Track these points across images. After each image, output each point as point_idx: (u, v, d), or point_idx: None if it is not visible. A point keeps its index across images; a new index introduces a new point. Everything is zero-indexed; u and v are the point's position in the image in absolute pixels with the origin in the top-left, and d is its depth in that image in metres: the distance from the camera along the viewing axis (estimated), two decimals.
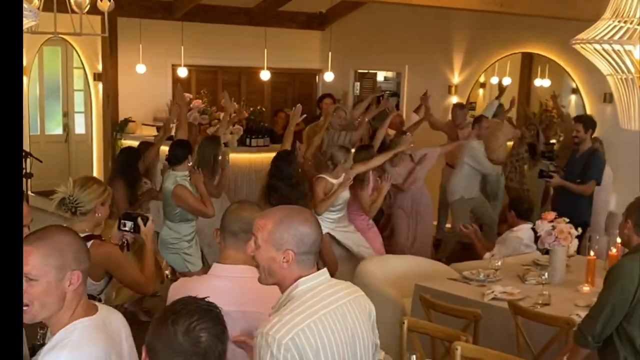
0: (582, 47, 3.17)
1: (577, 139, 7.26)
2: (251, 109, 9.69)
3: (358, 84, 12.10)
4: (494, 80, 12.18)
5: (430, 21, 9.82)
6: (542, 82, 11.92)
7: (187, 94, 9.51)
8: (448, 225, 9.24)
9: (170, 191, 6.10)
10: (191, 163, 6.24)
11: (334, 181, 6.65)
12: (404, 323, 4.19)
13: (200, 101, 9.31)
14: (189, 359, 2.04)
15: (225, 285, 2.87)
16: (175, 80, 9.88)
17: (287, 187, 6.20)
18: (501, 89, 9.97)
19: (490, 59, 10.00)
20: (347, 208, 6.87)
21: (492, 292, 4.99)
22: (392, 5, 8.72)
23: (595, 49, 3.05)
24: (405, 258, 6.62)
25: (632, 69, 3.00)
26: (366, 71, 12.62)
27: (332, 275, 2.67)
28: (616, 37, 2.97)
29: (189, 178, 6.16)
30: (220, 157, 6.88)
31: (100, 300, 3.60)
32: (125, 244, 4.14)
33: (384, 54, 10.88)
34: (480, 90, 12.54)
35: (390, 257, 6.60)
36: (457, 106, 9.23)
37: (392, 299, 5.57)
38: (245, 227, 2.88)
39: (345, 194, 6.71)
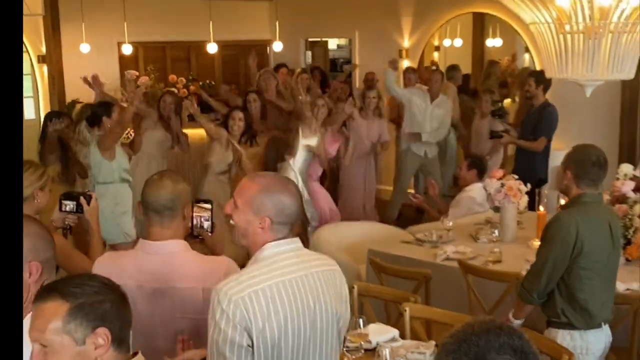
0: None
1: (528, 94, 7.25)
2: (200, 83, 9.54)
3: (310, 52, 12.00)
4: (447, 42, 12.19)
5: None
6: (494, 42, 11.94)
7: (133, 72, 9.35)
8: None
9: (95, 151, 6.10)
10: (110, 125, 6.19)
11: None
12: (353, 288, 4.16)
13: (147, 78, 9.13)
14: None
15: (154, 262, 2.79)
16: (122, 57, 9.69)
17: None
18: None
19: (439, 20, 9.95)
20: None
21: (445, 252, 5.00)
22: None
23: None
24: (361, 224, 6.61)
25: (550, 17, 2.96)
26: (318, 39, 12.51)
27: None
28: None
29: None
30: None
31: None
32: (68, 228, 3.84)
33: (334, 21, 10.78)
34: (435, 54, 12.54)
35: (345, 224, 6.58)
36: (410, 70, 9.18)
37: (347, 266, 5.52)
38: (169, 204, 2.81)
39: (308, 155, 6.77)
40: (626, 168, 5.05)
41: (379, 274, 4.71)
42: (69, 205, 3.68)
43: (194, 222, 3.08)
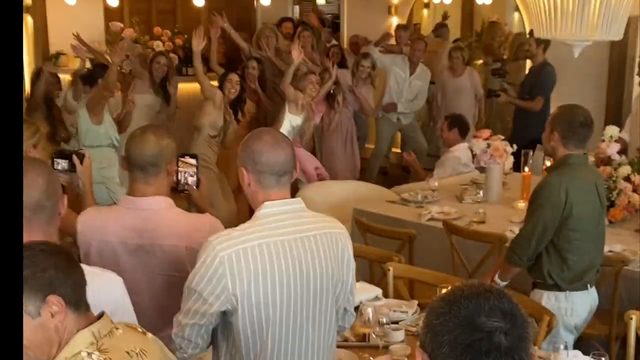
0: None
1: (528, 53, 7.20)
2: (185, 36, 9.41)
3: (297, 7, 11.84)
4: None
5: None
6: (483, 0, 11.83)
7: (117, 23, 9.21)
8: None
9: (85, 113, 5.92)
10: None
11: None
12: None
13: (132, 30, 9.01)
14: None
15: (137, 218, 2.76)
16: (107, 9, 9.52)
17: None
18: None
19: None
20: None
21: (429, 212, 5.02)
22: None
23: None
24: (346, 183, 6.60)
25: None
26: None
27: None
28: None
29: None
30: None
31: None
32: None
33: None
34: (425, 11, 12.42)
35: (331, 183, 6.57)
36: (401, 28, 9.06)
37: None
38: (152, 161, 2.76)
39: (293, 130, 6.67)
40: (612, 130, 5.06)
41: (364, 233, 4.72)
42: (61, 163, 3.49)
43: (179, 177, 3.04)
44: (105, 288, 2.28)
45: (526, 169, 5.29)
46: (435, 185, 5.47)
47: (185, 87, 8.61)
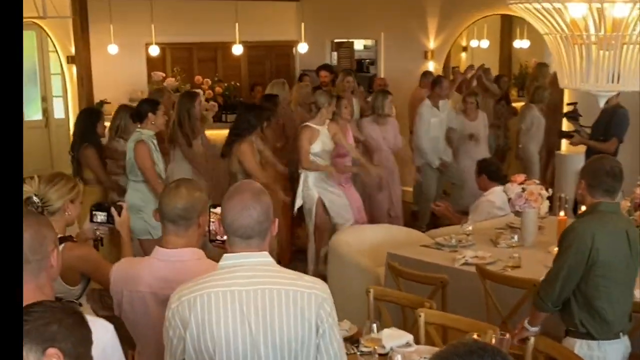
0: (518, 7, 3.13)
1: None
2: (225, 84, 9.62)
3: (335, 54, 12.02)
4: (474, 43, 12.14)
5: None
6: (521, 44, 11.87)
7: (160, 73, 9.46)
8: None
9: (132, 148, 5.97)
10: (154, 122, 6.02)
11: (319, 127, 6.64)
12: (369, 292, 4.18)
13: (173, 79, 9.24)
14: None
15: (167, 269, 2.84)
16: (149, 59, 9.80)
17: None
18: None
19: (465, 22, 9.92)
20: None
21: (464, 257, 5.00)
22: None
23: (529, 8, 3.01)
24: (381, 227, 6.61)
25: (566, 28, 2.96)
26: (344, 40, 12.53)
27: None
28: None
29: (155, 139, 6.05)
30: (195, 112, 6.81)
31: (80, 305, 3.40)
32: (99, 240, 3.78)
33: (359, 22, 10.79)
34: (463, 54, 12.50)
35: (366, 227, 6.58)
36: (428, 74, 9.19)
37: (366, 269, 5.58)
38: (184, 214, 2.86)
39: (329, 145, 6.68)
40: None
41: (396, 278, 4.73)
42: (100, 216, 3.62)
43: (212, 227, 3.10)
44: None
45: (561, 212, 5.26)
46: (470, 230, 5.46)
47: (225, 134, 8.77)
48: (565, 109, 7.74)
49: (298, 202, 6.83)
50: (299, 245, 7.63)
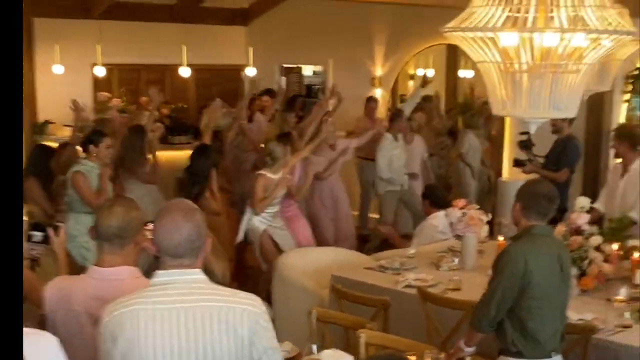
0: (453, 35, 3.24)
1: (554, 128, 7.32)
2: (172, 106, 9.61)
3: (284, 78, 12.11)
4: (420, 72, 12.37)
5: (351, 14, 9.89)
6: (465, 73, 12.13)
7: (105, 93, 9.41)
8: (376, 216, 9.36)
9: (69, 178, 5.97)
10: (91, 154, 6.05)
11: (275, 177, 6.66)
12: (311, 314, 4.22)
13: (119, 100, 9.19)
14: None
15: (102, 289, 2.81)
16: (95, 79, 9.74)
17: (192, 180, 6.25)
18: (424, 81, 10.06)
19: (412, 50, 10.13)
20: None
21: (406, 279, 5.08)
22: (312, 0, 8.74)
23: (462, 37, 3.13)
24: (327, 250, 6.66)
25: (498, 56, 3.08)
26: (293, 66, 12.63)
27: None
28: (484, 25, 3.04)
29: (98, 170, 6.02)
30: (145, 146, 6.83)
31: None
32: (35, 260, 3.70)
33: (308, 48, 10.91)
34: (410, 82, 12.70)
35: (311, 250, 6.63)
36: (372, 99, 9.40)
37: (311, 291, 5.61)
38: (119, 233, 2.84)
39: (283, 190, 6.73)
40: (583, 201, 5.17)
41: (339, 300, 4.77)
42: (37, 236, 3.55)
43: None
44: (36, 347, 2.32)
45: (500, 237, 5.38)
46: (413, 253, 5.56)
47: (172, 155, 8.76)
48: (519, 137, 7.92)
49: (240, 236, 6.84)
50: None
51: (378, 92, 10.11)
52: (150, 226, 2.98)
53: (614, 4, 5.06)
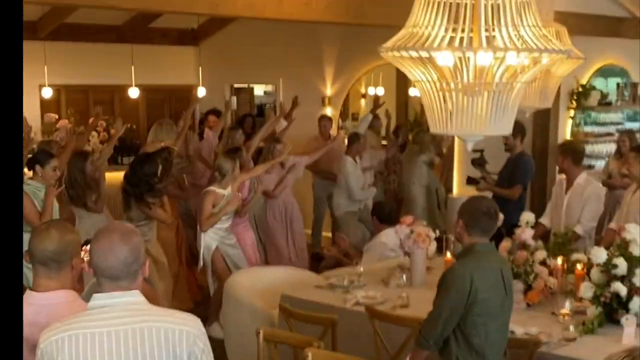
0: (389, 55, 3.28)
1: (506, 146, 7.39)
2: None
3: (235, 98, 12.10)
4: (371, 90, 12.49)
5: (301, 35, 9.93)
6: (415, 92, 12.27)
7: (52, 114, 9.30)
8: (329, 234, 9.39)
9: None
10: (37, 174, 5.98)
11: (223, 192, 6.63)
12: (259, 333, 4.20)
13: (67, 121, 9.08)
14: None
15: (37, 314, 2.75)
16: (43, 100, 9.62)
17: (133, 189, 6.29)
18: (376, 104, 10.11)
19: (362, 69, 10.23)
20: None
21: (355, 297, 5.08)
22: (261, 20, 8.75)
23: (398, 57, 3.17)
24: (278, 269, 6.63)
25: (435, 75, 3.13)
26: (244, 85, 12.64)
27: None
28: (421, 45, 3.09)
29: (43, 191, 5.94)
30: (89, 171, 6.74)
31: None
32: None
33: (258, 68, 10.94)
34: (362, 101, 12.81)
35: (262, 269, 6.60)
36: (325, 118, 9.41)
37: (261, 311, 5.57)
38: (54, 257, 2.79)
39: (233, 207, 6.70)
40: (528, 216, 5.25)
41: (287, 319, 4.75)
42: None
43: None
44: None
45: (448, 253, 5.43)
46: (362, 270, 5.57)
47: (120, 176, 8.66)
48: (472, 155, 8.02)
49: (200, 263, 6.81)
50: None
51: (329, 111, 10.17)
52: (88, 248, 2.95)
53: (553, 22, 5.23)
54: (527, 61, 3.28)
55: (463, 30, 3.08)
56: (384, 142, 10.46)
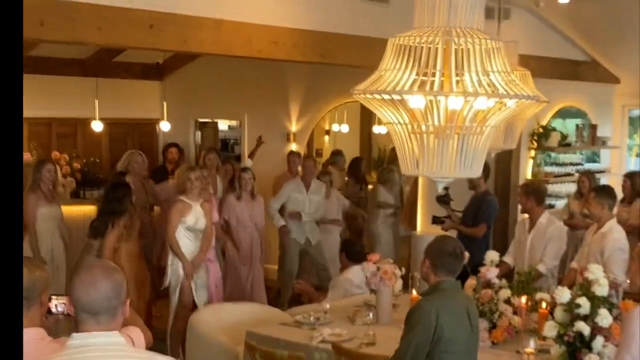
0: (362, 97, 3.35)
1: (470, 184, 7.46)
2: (84, 160, 9.47)
3: (199, 132, 12.11)
4: (336, 127, 12.60)
5: (267, 71, 10.00)
6: (380, 129, 12.41)
7: None
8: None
9: None
10: None
11: (192, 203, 6.66)
12: None
13: (29, 154, 8.99)
14: None
15: None
16: None
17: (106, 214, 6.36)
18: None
19: (326, 107, 10.33)
20: None
21: (321, 334, 5.06)
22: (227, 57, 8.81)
23: (370, 99, 3.24)
24: (241, 305, 6.60)
25: (406, 117, 3.20)
26: (208, 120, 12.66)
27: None
28: (392, 88, 3.15)
29: None
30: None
31: None
32: None
33: (224, 103, 10.98)
34: (326, 137, 12.91)
35: (226, 305, 6.55)
36: (294, 154, 9.43)
37: (225, 348, 5.53)
38: (25, 294, 2.73)
39: (201, 224, 6.69)
40: (492, 255, 5.32)
41: (253, 356, 4.73)
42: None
43: (60, 309, 2.97)
44: None
45: (414, 291, 5.46)
46: (328, 307, 5.56)
47: (82, 210, 8.60)
48: (437, 192, 8.07)
49: (165, 281, 6.76)
50: (157, 326, 7.48)
51: (293, 147, 10.20)
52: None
53: (518, 66, 5.36)
54: (492, 104, 3.36)
55: (434, 74, 3.15)
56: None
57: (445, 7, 3.13)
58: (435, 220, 7.97)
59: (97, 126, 9.67)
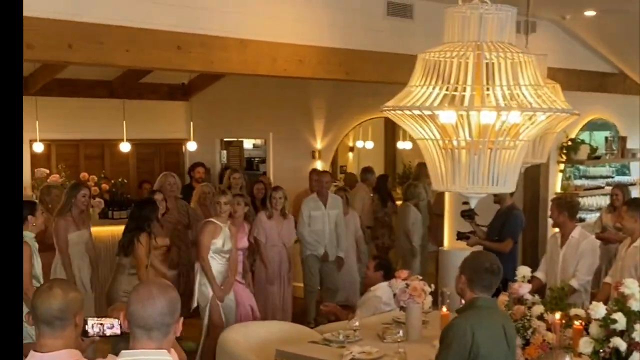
0: (391, 113, 3.33)
1: (496, 198, 7.39)
2: (112, 181, 9.53)
3: (225, 152, 12.16)
4: (360, 144, 12.59)
5: (291, 90, 10.03)
6: (404, 145, 12.38)
7: (43, 169, 9.27)
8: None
9: None
10: (35, 223, 5.83)
11: (222, 225, 6.69)
12: None
13: (58, 176, 9.07)
14: None
15: None
16: (33, 155, 9.62)
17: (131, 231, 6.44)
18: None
19: (350, 124, 10.34)
20: None
21: (351, 352, 5.02)
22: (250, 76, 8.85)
23: (400, 115, 3.21)
24: (270, 323, 6.58)
25: (437, 133, 3.17)
26: (233, 139, 12.72)
27: None
28: (422, 103, 3.13)
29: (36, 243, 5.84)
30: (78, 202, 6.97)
31: None
32: None
33: (249, 122, 11.02)
34: (350, 154, 12.90)
35: (254, 324, 6.53)
36: (315, 171, 9.40)
37: None
38: (59, 315, 2.77)
39: (228, 245, 6.73)
40: (524, 270, 5.25)
41: None
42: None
43: (96, 329, 2.98)
44: None
45: (444, 308, 5.40)
46: (357, 325, 5.51)
47: (111, 230, 8.63)
48: (462, 207, 7.99)
49: (194, 301, 6.78)
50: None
51: (319, 164, 10.20)
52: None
53: (548, 80, 5.31)
54: (520, 119, 3.32)
55: (463, 89, 3.12)
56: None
57: (476, 22, 3.11)
58: (460, 236, 7.87)
59: (124, 147, 9.75)
